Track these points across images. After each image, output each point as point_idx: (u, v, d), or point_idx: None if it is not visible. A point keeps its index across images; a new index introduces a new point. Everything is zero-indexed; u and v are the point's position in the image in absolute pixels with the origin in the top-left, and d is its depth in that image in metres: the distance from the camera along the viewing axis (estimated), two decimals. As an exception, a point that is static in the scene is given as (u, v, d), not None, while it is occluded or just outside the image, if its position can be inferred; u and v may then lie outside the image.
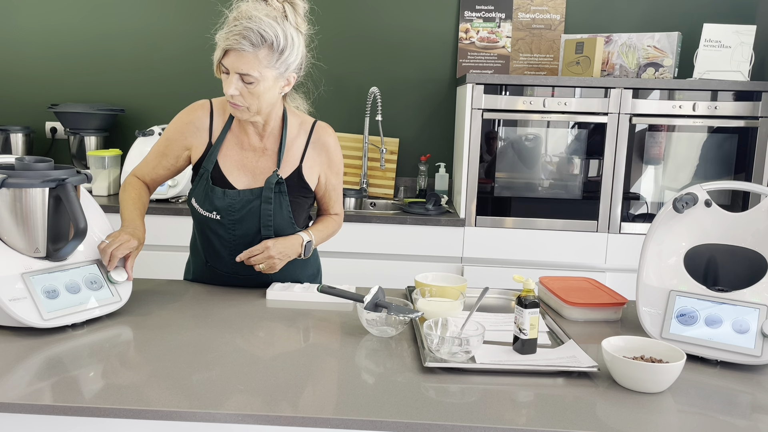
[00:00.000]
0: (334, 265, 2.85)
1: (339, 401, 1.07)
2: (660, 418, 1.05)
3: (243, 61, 1.50)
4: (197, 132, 1.69)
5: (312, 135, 1.74)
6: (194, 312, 1.52)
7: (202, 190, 1.68)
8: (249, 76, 1.51)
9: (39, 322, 1.32)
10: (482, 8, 3.30)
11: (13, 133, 3.28)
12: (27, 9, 3.40)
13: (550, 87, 2.80)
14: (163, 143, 1.73)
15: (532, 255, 2.87)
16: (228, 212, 1.67)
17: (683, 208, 1.39)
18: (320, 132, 1.75)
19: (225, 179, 1.68)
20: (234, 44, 1.48)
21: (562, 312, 1.58)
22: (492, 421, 1.02)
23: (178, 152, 1.72)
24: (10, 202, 1.37)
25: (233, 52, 1.50)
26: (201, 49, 3.41)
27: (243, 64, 1.50)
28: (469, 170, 2.88)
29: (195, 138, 1.69)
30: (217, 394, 1.09)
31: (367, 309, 1.39)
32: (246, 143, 1.70)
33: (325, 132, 1.76)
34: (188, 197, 1.73)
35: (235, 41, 1.48)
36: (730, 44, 2.84)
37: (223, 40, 1.51)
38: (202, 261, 1.81)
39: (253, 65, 1.50)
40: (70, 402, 1.04)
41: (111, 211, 2.85)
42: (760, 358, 1.25)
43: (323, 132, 1.76)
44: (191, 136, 1.69)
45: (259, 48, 1.50)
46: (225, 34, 1.51)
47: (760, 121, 2.78)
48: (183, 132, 1.70)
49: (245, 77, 1.52)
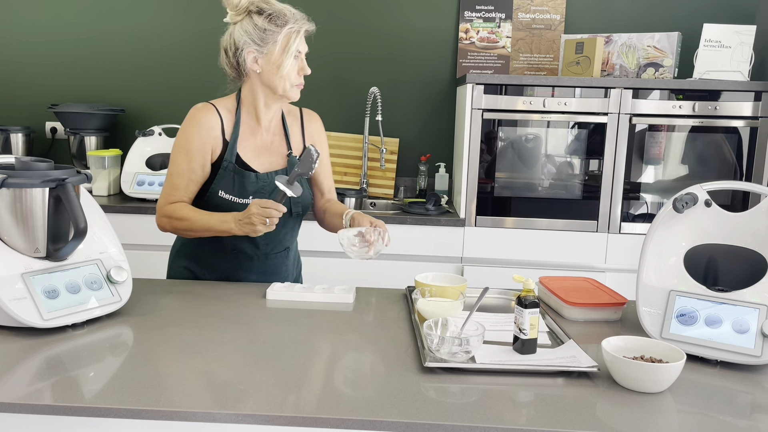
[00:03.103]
0: (334, 265, 2.85)
1: (339, 401, 1.07)
2: (660, 418, 1.05)
3: (305, 42, 1.72)
4: (212, 132, 1.72)
5: (304, 119, 1.88)
6: (194, 312, 1.52)
7: (230, 180, 1.72)
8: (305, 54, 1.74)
9: (39, 322, 1.32)
10: (482, 8, 3.30)
11: (13, 133, 3.28)
12: (27, 9, 3.40)
13: (550, 87, 2.80)
14: (185, 159, 1.70)
15: (532, 255, 2.87)
16: (261, 195, 1.73)
17: (683, 208, 1.39)
18: (311, 117, 1.90)
19: (248, 166, 1.74)
20: (310, 27, 1.71)
21: (562, 312, 1.58)
22: (492, 421, 1.02)
23: (204, 160, 1.72)
24: (10, 202, 1.37)
25: (303, 35, 1.70)
26: (201, 49, 3.41)
27: (306, 45, 1.73)
28: (469, 170, 2.88)
29: (212, 138, 1.72)
30: (217, 394, 1.09)
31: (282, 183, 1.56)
32: (257, 131, 1.78)
33: (315, 117, 1.92)
34: (211, 193, 1.73)
35: (309, 25, 1.70)
36: (730, 44, 2.84)
37: (296, 30, 1.67)
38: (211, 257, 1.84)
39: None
40: (70, 402, 1.04)
41: (111, 211, 2.86)
42: (760, 358, 1.25)
43: (313, 117, 1.91)
44: (210, 138, 1.72)
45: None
46: (295, 24, 1.67)
47: (760, 121, 2.78)
48: (202, 138, 1.71)
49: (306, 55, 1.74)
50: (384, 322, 1.50)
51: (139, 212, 2.86)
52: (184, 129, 1.72)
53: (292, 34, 1.66)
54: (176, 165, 1.72)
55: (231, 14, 1.69)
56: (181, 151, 1.71)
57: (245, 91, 1.76)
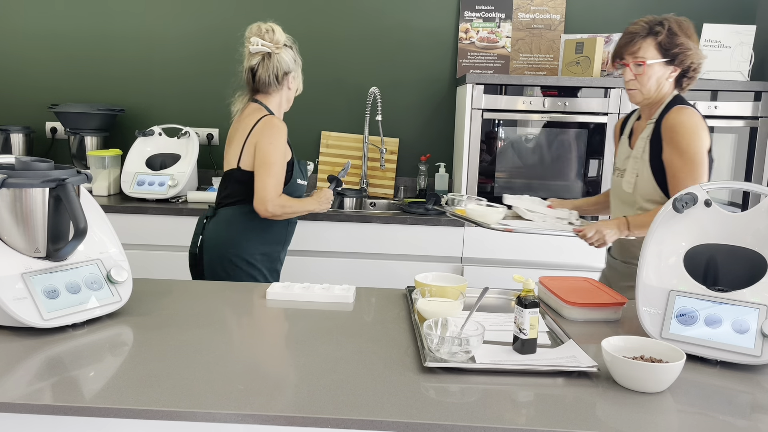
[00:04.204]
0: (334, 265, 2.85)
1: (339, 401, 1.07)
2: (660, 418, 1.05)
3: None
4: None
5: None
6: (194, 312, 1.52)
7: (299, 169, 2.26)
8: None
9: (39, 322, 1.32)
10: (482, 8, 3.30)
11: (13, 133, 3.28)
12: (27, 9, 3.40)
13: (550, 87, 2.80)
14: (283, 161, 2.15)
15: (532, 255, 2.87)
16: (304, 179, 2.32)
17: (683, 208, 1.39)
18: None
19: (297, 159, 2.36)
20: None
21: (562, 312, 1.58)
22: (492, 421, 1.02)
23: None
24: (10, 202, 1.37)
25: None
26: (201, 49, 3.41)
27: None
28: (469, 170, 2.88)
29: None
30: (217, 394, 1.09)
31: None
32: None
33: None
34: (291, 182, 2.20)
35: None
36: (730, 44, 2.84)
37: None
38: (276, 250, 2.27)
39: None
40: (70, 402, 1.04)
41: (111, 211, 2.86)
42: (760, 358, 1.25)
43: None
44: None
45: None
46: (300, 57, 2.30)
47: (760, 121, 2.78)
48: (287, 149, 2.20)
49: None
50: (384, 322, 1.50)
51: (139, 212, 2.86)
52: (279, 138, 2.13)
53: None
54: (277, 166, 2.13)
55: (270, 46, 2.13)
56: (279, 154, 2.13)
57: (274, 103, 2.23)
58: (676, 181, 1.81)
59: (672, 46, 1.82)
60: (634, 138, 1.98)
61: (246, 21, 2.23)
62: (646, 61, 1.83)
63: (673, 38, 1.82)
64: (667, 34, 1.82)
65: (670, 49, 1.82)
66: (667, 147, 1.82)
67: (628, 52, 1.86)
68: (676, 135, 1.80)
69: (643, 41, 1.84)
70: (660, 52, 1.83)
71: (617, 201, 2.02)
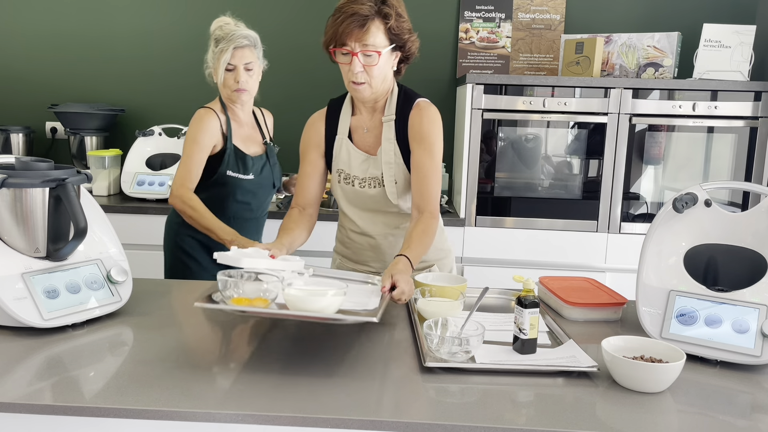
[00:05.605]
0: (334, 265, 2.85)
1: (339, 401, 1.07)
2: (660, 418, 1.05)
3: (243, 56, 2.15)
4: (215, 130, 2.12)
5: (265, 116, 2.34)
6: (194, 312, 1.52)
7: (234, 162, 2.12)
8: None
9: (39, 322, 1.32)
10: (482, 8, 3.30)
11: (13, 133, 3.28)
12: (27, 9, 3.40)
13: (550, 87, 2.80)
14: (197, 151, 2.06)
15: (532, 255, 2.87)
16: (254, 173, 2.16)
17: (683, 207, 1.39)
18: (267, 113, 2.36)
19: (243, 153, 2.15)
20: (238, 43, 2.13)
21: (562, 312, 1.58)
22: (492, 421, 1.02)
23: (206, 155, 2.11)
24: (10, 202, 1.37)
25: (231, 52, 2.12)
26: (201, 49, 3.40)
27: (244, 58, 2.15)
28: (469, 170, 2.88)
29: (216, 135, 2.12)
30: (217, 394, 1.09)
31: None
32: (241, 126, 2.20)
33: (268, 113, 2.37)
34: (219, 173, 2.10)
35: (238, 42, 2.12)
36: (730, 44, 2.84)
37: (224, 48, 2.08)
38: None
39: None
40: (70, 402, 1.04)
41: (111, 211, 2.86)
42: (760, 358, 1.25)
43: (267, 113, 2.36)
44: (214, 135, 2.11)
45: None
46: (225, 45, 2.09)
47: (760, 121, 2.78)
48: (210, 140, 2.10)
49: None
50: (384, 321, 1.50)
51: (139, 212, 2.86)
52: (194, 128, 2.08)
53: (222, 53, 2.05)
54: (190, 156, 2.05)
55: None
56: (198, 147, 2.06)
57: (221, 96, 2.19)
58: (426, 183, 1.65)
59: (401, 30, 1.60)
60: (362, 139, 1.75)
61: (247, 22, 2.23)
62: (381, 51, 1.57)
63: (401, 22, 1.60)
64: (396, 17, 1.58)
65: (400, 34, 1.60)
66: (418, 148, 1.67)
67: (354, 38, 1.55)
68: (430, 136, 1.67)
69: (372, 24, 1.55)
70: (389, 38, 1.59)
71: (368, 214, 1.76)
